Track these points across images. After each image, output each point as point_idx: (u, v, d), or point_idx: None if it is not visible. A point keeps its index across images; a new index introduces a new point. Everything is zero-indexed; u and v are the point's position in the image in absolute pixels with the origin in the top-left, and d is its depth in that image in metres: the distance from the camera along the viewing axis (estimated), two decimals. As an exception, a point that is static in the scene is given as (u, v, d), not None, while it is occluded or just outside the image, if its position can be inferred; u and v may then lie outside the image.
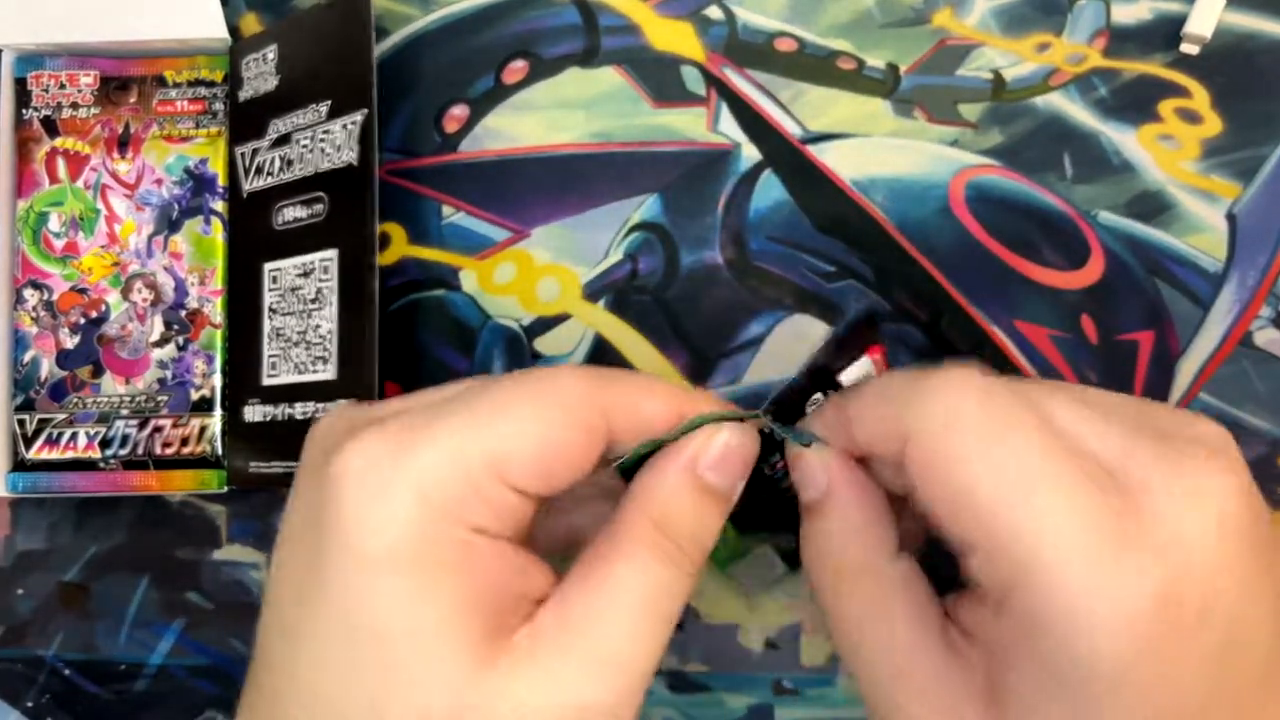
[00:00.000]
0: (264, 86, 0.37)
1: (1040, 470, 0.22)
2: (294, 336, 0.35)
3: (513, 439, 0.23)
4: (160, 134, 0.38)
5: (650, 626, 0.23)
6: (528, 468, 0.23)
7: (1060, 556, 0.21)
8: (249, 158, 0.38)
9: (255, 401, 0.36)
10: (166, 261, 0.38)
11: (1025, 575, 0.22)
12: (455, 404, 0.23)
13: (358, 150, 0.35)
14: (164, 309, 0.38)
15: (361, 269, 0.34)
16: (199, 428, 0.37)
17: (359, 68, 0.35)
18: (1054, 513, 0.21)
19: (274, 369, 0.36)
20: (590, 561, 0.24)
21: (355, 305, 0.34)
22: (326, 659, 0.22)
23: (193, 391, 0.38)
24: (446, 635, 0.22)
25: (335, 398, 0.34)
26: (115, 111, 0.38)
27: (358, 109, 0.35)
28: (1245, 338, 0.37)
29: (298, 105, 0.36)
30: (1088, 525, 0.21)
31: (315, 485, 0.23)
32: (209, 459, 0.37)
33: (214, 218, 0.38)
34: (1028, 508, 0.22)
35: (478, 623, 0.22)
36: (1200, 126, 0.38)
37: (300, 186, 0.36)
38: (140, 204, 0.38)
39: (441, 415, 0.23)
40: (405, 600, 0.22)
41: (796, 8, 0.39)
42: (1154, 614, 0.21)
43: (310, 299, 0.35)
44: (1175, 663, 0.21)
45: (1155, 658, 0.21)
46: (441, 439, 0.23)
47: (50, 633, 0.39)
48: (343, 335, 0.34)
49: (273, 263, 0.36)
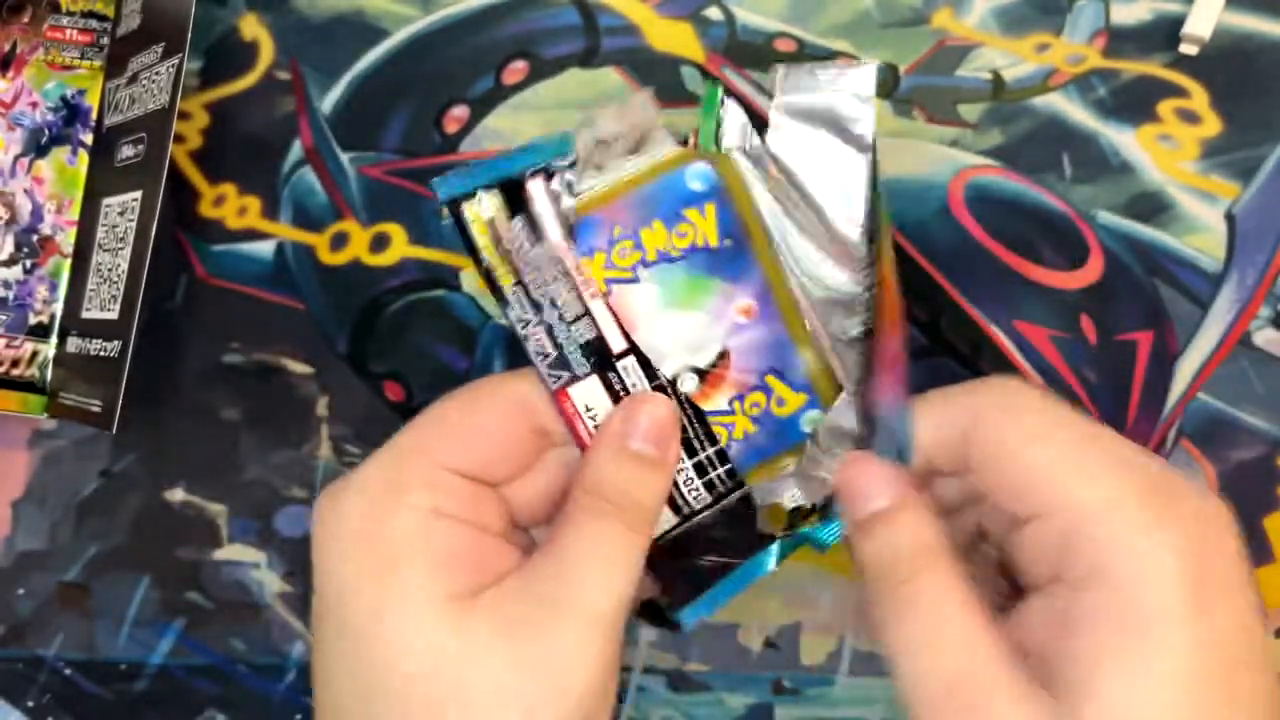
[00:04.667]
0: (132, 25, 0.38)
1: (1093, 449, 0.26)
2: (106, 273, 0.36)
3: (446, 432, 0.27)
4: (44, 59, 0.39)
5: (600, 573, 0.26)
6: (452, 451, 0.27)
7: (1114, 516, 0.24)
8: (113, 93, 0.38)
9: (75, 333, 0.37)
10: (27, 184, 0.38)
11: (1080, 534, 0.25)
12: (413, 419, 0.28)
13: (169, 94, 0.35)
14: (17, 230, 0.38)
15: (151, 214, 0.34)
16: (31, 352, 0.38)
17: (178, 10, 0.35)
18: (1107, 481, 0.25)
19: (89, 303, 0.36)
20: (550, 533, 0.27)
21: (139, 250, 0.34)
22: (321, 641, 0.26)
23: (31, 315, 0.38)
24: (413, 596, 0.25)
25: (114, 339, 0.35)
26: (4, 29, 0.39)
27: (177, 53, 0.35)
28: (1244, 338, 0.37)
29: (146, 45, 0.37)
30: (1136, 491, 0.25)
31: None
32: (36, 384, 0.38)
33: (81, 150, 0.39)
34: (1085, 476, 0.25)
35: (441, 586, 0.25)
36: (1199, 127, 0.38)
37: (134, 126, 0.36)
38: (12, 124, 0.39)
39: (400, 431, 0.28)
40: (368, 572, 0.25)
41: (796, 8, 0.39)
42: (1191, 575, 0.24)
43: (119, 238, 0.35)
44: (1205, 627, 0.24)
45: (1194, 614, 0.24)
46: (390, 445, 0.27)
47: (50, 633, 0.39)
48: (129, 279, 0.35)
49: (109, 199, 0.37)
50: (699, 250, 0.28)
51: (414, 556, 0.25)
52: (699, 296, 0.28)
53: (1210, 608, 0.24)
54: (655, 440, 0.27)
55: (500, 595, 0.26)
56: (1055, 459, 0.25)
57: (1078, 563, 0.25)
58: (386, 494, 0.26)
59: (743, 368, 0.28)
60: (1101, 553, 0.24)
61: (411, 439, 0.27)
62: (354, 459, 0.38)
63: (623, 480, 0.27)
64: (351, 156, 0.39)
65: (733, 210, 0.28)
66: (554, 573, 0.26)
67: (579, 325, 0.28)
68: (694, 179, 0.28)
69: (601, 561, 0.26)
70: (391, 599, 0.25)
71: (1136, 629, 0.24)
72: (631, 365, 0.28)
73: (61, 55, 0.39)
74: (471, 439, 0.27)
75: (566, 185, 0.28)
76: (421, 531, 0.26)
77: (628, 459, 0.27)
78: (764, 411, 0.29)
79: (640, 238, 0.28)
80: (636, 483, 0.27)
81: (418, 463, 0.27)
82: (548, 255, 0.28)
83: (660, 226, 0.28)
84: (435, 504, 0.26)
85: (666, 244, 0.28)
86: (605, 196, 0.28)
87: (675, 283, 0.28)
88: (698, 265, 0.28)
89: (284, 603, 0.38)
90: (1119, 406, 0.37)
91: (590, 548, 0.26)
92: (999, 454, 0.26)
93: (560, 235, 0.28)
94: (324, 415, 0.38)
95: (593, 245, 0.28)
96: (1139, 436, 0.37)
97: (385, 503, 0.26)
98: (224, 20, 0.39)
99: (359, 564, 0.26)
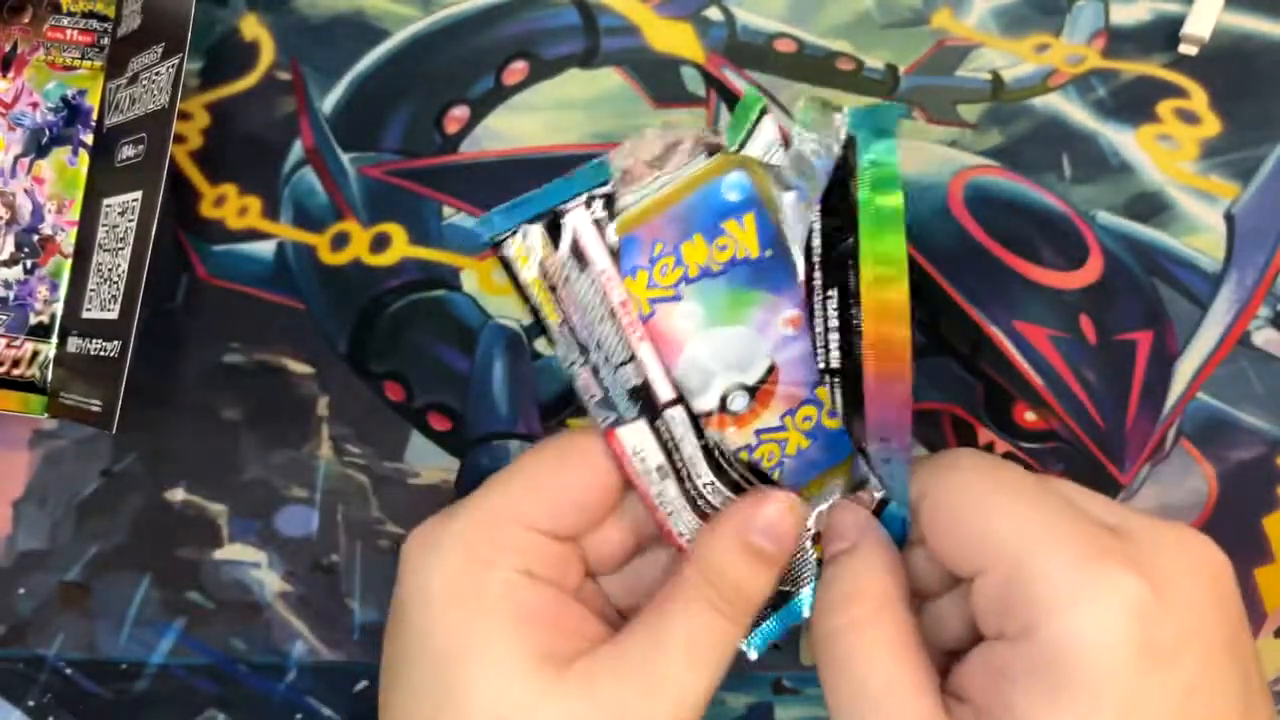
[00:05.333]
0: (132, 25, 0.38)
1: (1037, 508, 0.25)
2: (106, 273, 0.36)
3: (536, 494, 0.28)
4: (45, 59, 0.39)
5: (696, 662, 0.26)
6: (545, 514, 0.27)
7: (1052, 572, 0.24)
8: (114, 93, 0.38)
9: (75, 333, 0.37)
10: (28, 184, 0.38)
11: (1017, 589, 0.24)
12: (493, 476, 0.29)
13: (169, 94, 0.35)
14: (17, 230, 0.38)
15: (151, 214, 0.34)
16: (32, 352, 0.38)
17: (179, 10, 0.35)
18: (1046, 537, 0.24)
19: (89, 303, 0.36)
20: (650, 608, 0.27)
21: (139, 250, 0.34)
22: (401, 683, 0.27)
23: (32, 315, 0.38)
24: (496, 654, 0.25)
25: (114, 339, 0.35)
26: (5, 29, 0.39)
27: (177, 53, 0.35)
28: (1244, 337, 0.37)
29: (147, 45, 0.37)
30: (1077, 547, 0.24)
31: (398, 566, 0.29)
32: (37, 385, 0.38)
33: (82, 150, 0.39)
34: (1025, 534, 0.24)
35: (527, 647, 0.26)
36: (1199, 127, 0.38)
37: (134, 126, 0.37)
38: (13, 124, 0.39)
39: (481, 487, 0.28)
40: (459, 625, 0.26)
41: (796, 8, 0.39)
42: (1134, 630, 0.23)
43: (120, 238, 0.35)
44: (1149, 685, 0.23)
45: (1133, 671, 0.23)
46: (477, 501, 0.28)
47: (51, 632, 0.39)
48: (129, 279, 0.35)
49: (109, 199, 0.37)
50: (740, 263, 0.27)
51: (505, 615, 0.26)
52: (743, 310, 0.28)
53: (1163, 662, 0.23)
54: (774, 537, 0.27)
55: (594, 665, 0.26)
56: (996, 516, 0.25)
57: (1016, 618, 0.24)
58: (480, 554, 0.27)
59: (792, 381, 0.28)
60: (1036, 608, 0.24)
61: (502, 499, 0.28)
62: (354, 459, 0.38)
63: (736, 573, 0.27)
64: (352, 157, 0.39)
65: (771, 220, 0.27)
66: (652, 655, 0.26)
67: (625, 370, 0.27)
68: (730, 189, 0.27)
69: (701, 651, 0.26)
70: (484, 654, 0.26)
71: (1069, 684, 0.23)
72: (680, 416, 0.27)
73: (62, 55, 0.39)
74: (560, 501, 0.28)
75: (607, 210, 0.27)
76: (512, 594, 0.26)
77: (745, 551, 0.27)
78: (816, 425, 0.28)
79: (681, 253, 0.27)
80: (749, 578, 0.27)
81: (509, 526, 0.27)
82: (594, 288, 0.27)
83: (700, 240, 0.27)
84: (527, 566, 0.27)
85: (707, 258, 0.27)
86: (643, 214, 0.27)
87: (718, 298, 0.27)
88: (739, 278, 0.27)
89: (284, 602, 0.38)
90: (1118, 407, 0.37)
91: (691, 636, 0.26)
92: (945, 517, 0.26)
93: (608, 260, 0.27)
94: (324, 415, 0.38)
95: (635, 264, 0.27)
96: (1139, 436, 0.37)
97: (478, 564, 0.27)
98: (224, 20, 0.39)
99: (450, 620, 0.26)
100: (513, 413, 0.38)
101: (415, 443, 0.38)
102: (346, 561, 0.38)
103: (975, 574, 0.25)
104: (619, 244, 0.27)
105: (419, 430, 0.38)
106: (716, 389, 0.28)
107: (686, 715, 0.26)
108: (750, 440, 0.28)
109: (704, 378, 0.27)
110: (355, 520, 0.38)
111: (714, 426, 0.28)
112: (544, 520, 0.27)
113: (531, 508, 0.27)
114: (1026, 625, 0.24)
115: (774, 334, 0.28)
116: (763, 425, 0.28)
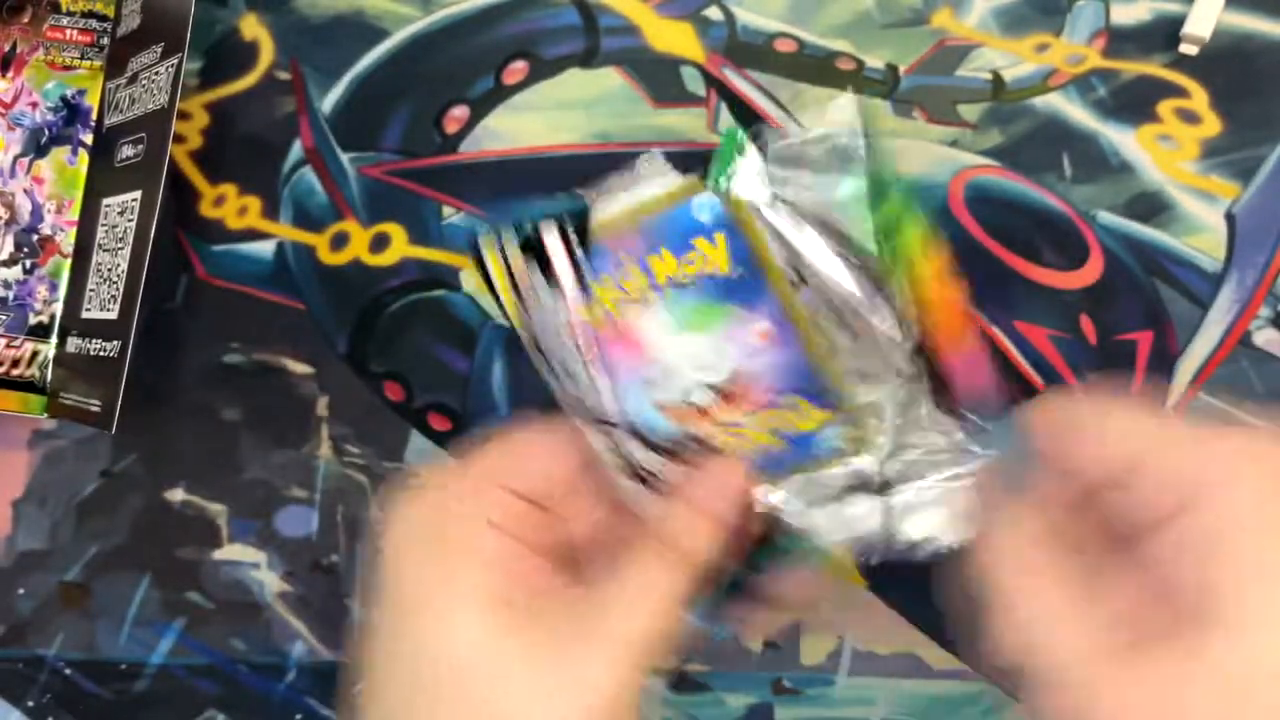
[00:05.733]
0: (132, 25, 0.38)
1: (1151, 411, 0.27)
2: (106, 273, 0.36)
3: (507, 454, 0.29)
4: (45, 59, 0.39)
5: (637, 609, 0.27)
6: (513, 472, 0.29)
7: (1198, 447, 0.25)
8: (113, 93, 0.38)
9: (75, 333, 0.37)
10: (27, 184, 0.39)
11: (1176, 470, 0.25)
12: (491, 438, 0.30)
13: (168, 94, 0.35)
14: (17, 230, 0.38)
15: (151, 214, 0.34)
16: (31, 352, 0.38)
17: (178, 10, 0.35)
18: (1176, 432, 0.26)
19: (89, 303, 0.37)
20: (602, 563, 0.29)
21: (139, 250, 0.35)
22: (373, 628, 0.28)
23: (31, 315, 0.38)
24: (454, 591, 0.27)
25: (113, 339, 0.35)
26: (5, 29, 0.39)
27: (176, 53, 0.35)
28: (1244, 337, 0.37)
29: (146, 45, 0.37)
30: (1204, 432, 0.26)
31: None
32: (36, 384, 0.38)
33: (81, 149, 0.39)
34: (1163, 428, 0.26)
35: (484, 589, 0.27)
36: (1199, 127, 0.38)
37: (134, 126, 0.37)
38: (12, 124, 0.39)
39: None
40: (422, 567, 0.28)
41: (796, 8, 0.39)
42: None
43: (119, 238, 0.35)
44: None
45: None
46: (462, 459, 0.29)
47: (51, 632, 0.39)
48: (129, 279, 0.35)
49: (108, 199, 0.37)
50: (710, 278, 0.29)
51: (467, 556, 0.28)
52: (712, 320, 0.29)
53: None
54: (717, 495, 0.29)
55: (544, 608, 0.27)
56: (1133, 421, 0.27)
57: (1176, 495, 0.25)
58: (446, 504, 0.29)
59: (759, 386, 0.29)
60: (1195, 485, 0.25)
61: (479, 456, 0.30)
62: (354, 459, 0.38)
63: (673, 524, 0.29)
64: (351, 156, 0.39)
65: (745, 242, 0.29)
66: (596, 598, 0.28)
67: (581, 388, 0.29)
68: (700, 210, 0.29)
69: (636, 594, 0.28)
70: (443, 592, 0.27)
71: (1234, 539, 0.24)
72: (623, 436, 0.29)
73: (61, 55, 0.39)
74: (527, 463, 0.30)
75: (579, 231, 0.29)
76: (472, 538, 0.28)
77: (689, 506, 0.29)
78: (783, 427, 0.30)
79: (648, 264, 0.29)
80: (686, 531, 0.29)
81: (478, 481, 0.29)
82: (556, 310, 0.29)
83: (668, 254, 0.29)
84: (490, 516, 0.28)
85: (676, 271, 0.29)
86: (612, 224, 0.29)
87: (686, 307, 0.29)
88: (709, 292, 0.29)
89: (284, 602, 0.38)
90: (1119, 406, 0.37)
91: (628, 580, 0.28)
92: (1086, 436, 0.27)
93: (572, 280, 0.29)
94: (324, 415, 0.38)
95: (602, 270, 0.29)
96: (1139, 436, 0.37)
97: (443, 512, 0.29)
98: (224, 20, 0.39)
99: (420, 561, 0.28)
100: (512, 413, 0.38)
101: (415, 443, 0.38)
102: (346, 561, 0.38)
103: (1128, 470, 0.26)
104: (588, 253, 0.29)
105: (419, 430, 0.38)
106: (680, 383, 0.29)
107: (626, 656, 0.27)
108: (713, 432, 0.30)
109: (669, 374, 0.29)
110: (355, 520, 0.38)
111: (676, 418, 0.29)
112: (512, 478, 0.29)
113: (501, 465, 0.29)
114: (1184, 502, 0.25)
115: (743, 343, 0.29)
116: (727, 420, 0.29)
